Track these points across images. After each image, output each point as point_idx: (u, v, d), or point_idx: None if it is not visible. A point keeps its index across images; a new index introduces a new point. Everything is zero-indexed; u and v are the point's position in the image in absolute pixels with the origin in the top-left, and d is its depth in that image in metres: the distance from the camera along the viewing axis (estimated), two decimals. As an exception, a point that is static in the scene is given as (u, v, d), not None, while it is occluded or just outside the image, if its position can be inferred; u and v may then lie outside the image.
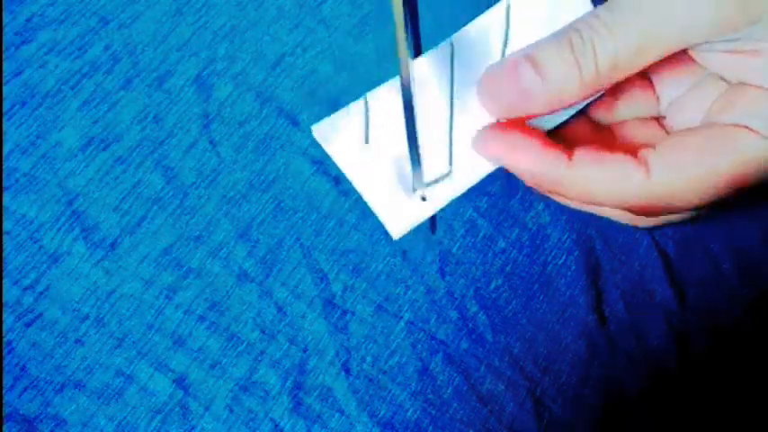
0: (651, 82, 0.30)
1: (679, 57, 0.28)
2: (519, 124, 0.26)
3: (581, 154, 0.26)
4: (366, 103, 0.27)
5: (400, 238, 0.34)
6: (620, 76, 0.25)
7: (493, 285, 0.34)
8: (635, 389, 0.33)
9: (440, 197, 0.27)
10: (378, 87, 0.27)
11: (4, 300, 0.32)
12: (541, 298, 0.34)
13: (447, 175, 0.27)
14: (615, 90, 0.30)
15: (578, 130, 0.30)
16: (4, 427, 0.31)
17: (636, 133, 0.30)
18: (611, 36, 0.24)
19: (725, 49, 0.25)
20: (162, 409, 0.32)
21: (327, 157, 0.35)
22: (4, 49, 0.35)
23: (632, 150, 0.26)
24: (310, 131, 0.35)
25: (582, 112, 0.29)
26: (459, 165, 0.27)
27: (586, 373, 0.33)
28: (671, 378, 0.33)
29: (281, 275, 0.34)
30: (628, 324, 0.34)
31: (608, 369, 0.33)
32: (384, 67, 0.36)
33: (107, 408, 0.32)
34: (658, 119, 0.31)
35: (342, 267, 0.34)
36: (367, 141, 0.27)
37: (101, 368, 0.32)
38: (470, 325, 0.33)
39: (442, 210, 0.27)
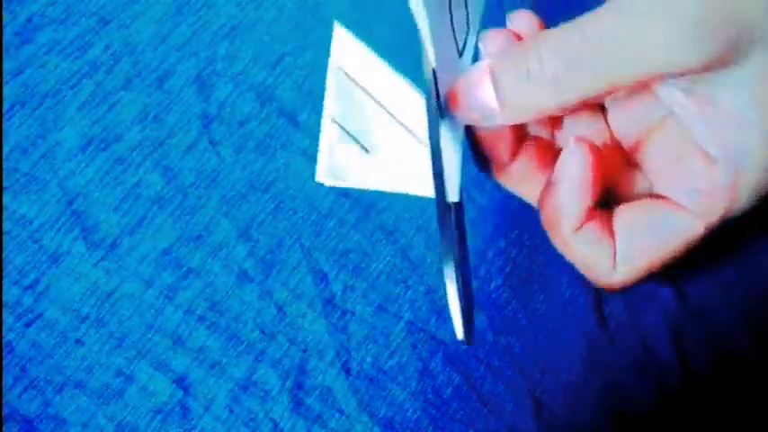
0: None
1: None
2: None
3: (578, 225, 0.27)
4: (334, 122, 0.27)
5: (400, 242, 0.34)
6: (581, 105, 0.25)
7: (493, 285, 0.34)
8: (635, 389, 0.33)
9: (371, 176, 0.28)
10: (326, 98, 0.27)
11: (3, 300, 0.32)
12: (541, 298, 0.34)
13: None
14: None
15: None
16: (4, 427, 0.31)
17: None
18: (578, 73, 0.24)
19: (686, 88, 0.25)
20: (162, 409, 0.32)
21: (327, 157, 0.35)
22: (4, 49, 0.35)
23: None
24: (311, 131, 0.35)
25: None
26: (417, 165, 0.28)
27: (586, 373, 0.33)
28: (671, 378, 0.33)
29: (281, 275, 0.34)
30: (628, 324, 0.34)
31: (608, 369, 0.33)
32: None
33: (107, 408, 0.32)
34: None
35: (342, 267, 0.34)
36: (368, 152, 0.27)
37: (101, 368, 0.32)
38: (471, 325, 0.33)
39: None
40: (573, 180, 0.26)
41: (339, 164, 0.27)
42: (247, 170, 0.35)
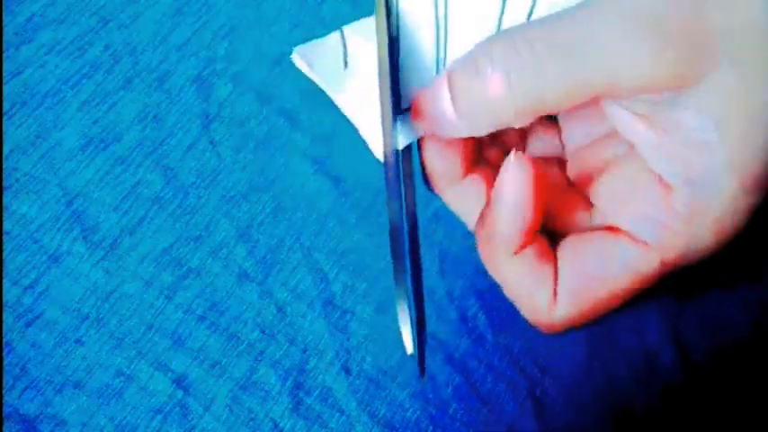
0: (558, 123, 0.29)
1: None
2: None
3: (516, 252, 0.25)
4: (342, 33, 0.26)
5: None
6: (536, 116, 0.23)
7: (493, 285, 0.34)
8: (635, 389, 0.33)
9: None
10: (355, 22, 0.26)
11: (3, 300, 0.32)
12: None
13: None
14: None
15: (493, 154, 0.29)
16: (4, 427, 0.31)
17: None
18: (538, 76, 0.22)
19: (642, 111, 0.23)
20: (162, 409, 0.32)
21: (328, 156, 0.35)
22: (3, 49, 0.35)
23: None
24: (311, 131, 0.35)
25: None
26: None
27: (586, 373, 0.33)
28: (671, 378, 0.33)
29: (280, 275, 0.34)
30: (627, 324, 0.34)
31: (608, 369, 0.33)
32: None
33: (107, 408, 0.32)
34: (561, 159, 0.29)
35: (342, 267, 0.34)
36: (346, 66, 0.26)
37: (101, 368, 0.32)
38: (470, 325, 0.33)
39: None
40: (512, 197, 0.24)
41: (317, 54, 0.26)
42: (247, 170, 0.35)
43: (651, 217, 0.24)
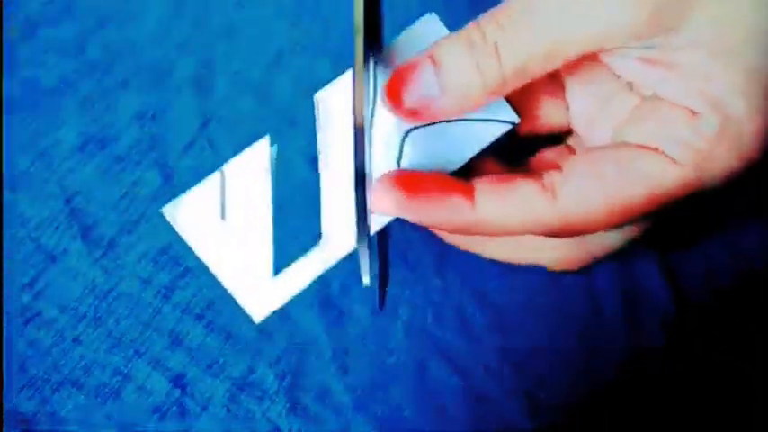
0: (563, 88, 0.29)
1: (592, 64, 0.27)
2: (415, 175, 0.25)
3: (481, 189, 0.25)
4: (223, 175, 0.26)
5: (399, 243, 0.34)
6: (527, 80, 0.24)
7: (491, 285, 0.34)
8: (635, 391, 0.33)
9: (305, 273, 0.26)
10: (235, 158, 0.26)
11: (3, 298, 0.32)
12: (541, 300, 0.34)
13: (316, 245, 0.26)
14: (523, 100, 0.28)
15: (484, 160, 0.29)
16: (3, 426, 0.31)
17: (544, 156, 0.29)
18: (517, 37, 0.23)
19: (640, 56, 0.24)
20: (159, 408, 0.32)
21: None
22: (3, 47, 0.35)
23: (539, 173, 0.26)
24: (308, 130, 0.35)
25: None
26: (330, 232, 0.26)
27: (585, 374, 0.33)
28: (672, 379, 0.33)
29: (278, 275, 0.34)
30: (627, 324, 0.34)
31: (607, 370, 0.33)
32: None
33: (104, 406, 0.32)
34: (567, 139, 0.30)
35: (339, 267, 0.34)
36: (223, 217, 0.26)
37: (98, 367, 0.32)
38: (468, 325, 0.34)
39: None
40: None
41: (189, 205, 0.25)
42: (245, 169, 0.35)
43: (678, 137, 0.24)
